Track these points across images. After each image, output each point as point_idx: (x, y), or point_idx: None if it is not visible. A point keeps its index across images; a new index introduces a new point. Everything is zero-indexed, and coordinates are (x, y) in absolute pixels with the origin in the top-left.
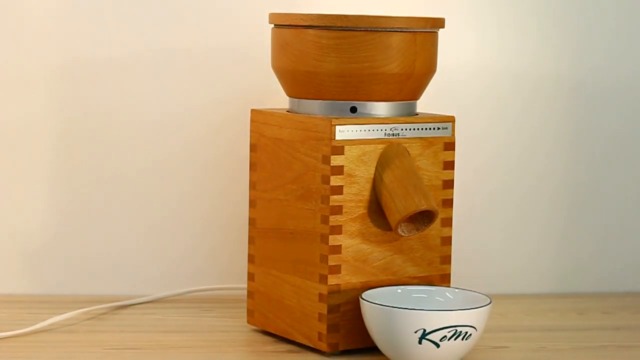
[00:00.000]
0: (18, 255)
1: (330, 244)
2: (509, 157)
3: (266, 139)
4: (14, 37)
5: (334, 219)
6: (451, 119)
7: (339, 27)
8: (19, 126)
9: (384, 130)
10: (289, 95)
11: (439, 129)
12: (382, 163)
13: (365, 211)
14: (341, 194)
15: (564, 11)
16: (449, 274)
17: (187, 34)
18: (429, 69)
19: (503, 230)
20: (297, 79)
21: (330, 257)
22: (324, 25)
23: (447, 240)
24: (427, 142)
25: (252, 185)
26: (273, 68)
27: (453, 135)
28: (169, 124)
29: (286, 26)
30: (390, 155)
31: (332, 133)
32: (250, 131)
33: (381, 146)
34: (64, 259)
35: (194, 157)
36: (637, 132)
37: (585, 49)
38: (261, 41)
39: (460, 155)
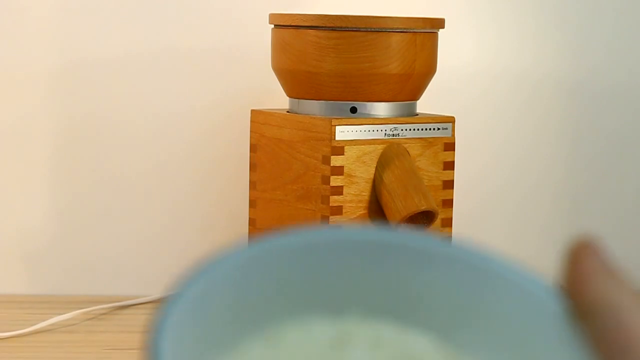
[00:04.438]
0: (18, 255)
1: None
2: (509, 157)
3: (266, 139)
4: (14, 37)
5: (334, 220)
6: (451, 119)
7: (339, 27)
8: (19, 126)
9: (384, 130)
10: (289, 96)
11: (439, 129)
12: (382, 163)
13: (365, 211)
14: (341, 194)
15: (563, 11)
16: None
17: (187, 34)
18: (429, 69)
19: (503, 230)
20: (297, 79)
21: None
22: (324, 25)
23: None
24: (427, 142)
25: (252, 185)
26: (273, 68)
27: (453, 135)
28: (168, 124)
29: (286, 26)
30: (390, 155)
31: (332, 133)
32: (250, 131)
33: (381, 146)
34: (64, 259)
35: (194, 157)
36: (637, 132)
37: (585, 49)
38: (261, 41)
39: (460, 156)
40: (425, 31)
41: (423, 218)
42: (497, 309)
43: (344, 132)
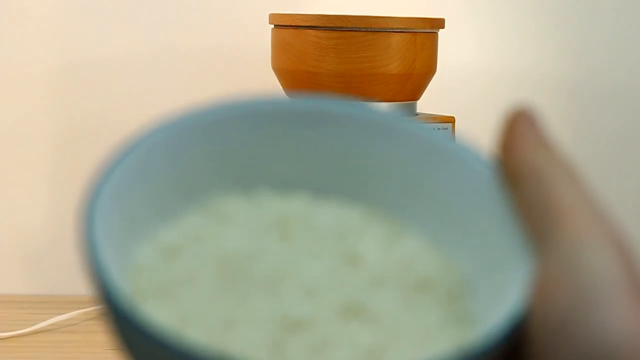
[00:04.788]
0: (18, 255)
1: None
2: None
3: None
4: (15, 37)
5: None
6: (451, 119)
7: (339, 27)
8: (19, 126)
9: None
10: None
11: (439, 129)
12: None
13: None
14: None
15: (563, 11)
16: None
17: (187, 34)
18: (429, 70)
19: None
20: (297, 79)
21: None
22: (324, 25)
23: None
24: None
25: None
26: (273, 68)
27: (453, 135)
28: None
29: (286, 26)
30: None
31: None
32: None
33: None
34: (65, 259)
35: None
36: (637, 132)
37: (585, 49)
38: (261, 41)
39: None
40: (425, 31)
41: None
42: (434, 179)
43: None
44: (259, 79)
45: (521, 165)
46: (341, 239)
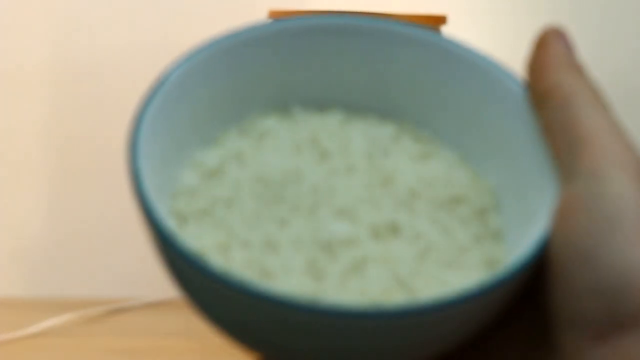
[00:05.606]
0: (14, 257)
1: None
2: None
3: None
4: (14, 36)
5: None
6: None
7: None
8: (18, 126)
9: None
10: None
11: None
12: None
13: None
14: None
15: (563, 11)
16: None
17: (186, 32)
18: None
19: None
20: None
21: None
22: None
23: None
24: None
25: None
26: None
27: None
28: None
29: None
30: None
31: None
32: None
33: None
34: (60, 261)
35: None
36: (637, 132)
37: (585, 49)
38: None
39: None
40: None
41: None
42: (467, 96)
43: None
44: None
45: (549, 88)
46: (374, 158)
